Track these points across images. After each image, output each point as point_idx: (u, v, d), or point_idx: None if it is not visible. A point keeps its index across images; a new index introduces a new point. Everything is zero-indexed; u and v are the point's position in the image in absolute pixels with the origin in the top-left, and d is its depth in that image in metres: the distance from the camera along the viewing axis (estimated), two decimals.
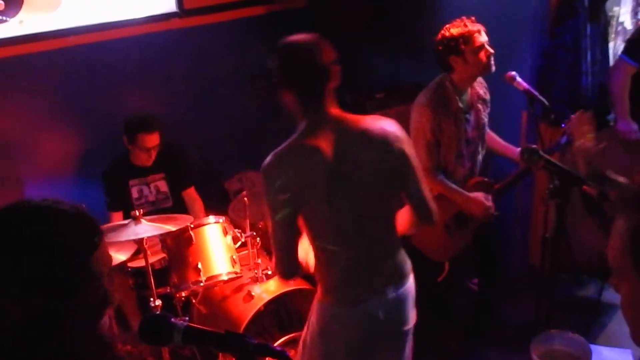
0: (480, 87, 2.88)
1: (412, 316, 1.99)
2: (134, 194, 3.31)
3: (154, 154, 3.22)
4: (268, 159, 1.77)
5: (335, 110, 1.80)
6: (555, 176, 2.04)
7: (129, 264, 2.94)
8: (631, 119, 3.23)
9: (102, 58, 3.37)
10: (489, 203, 2.80)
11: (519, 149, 2.82)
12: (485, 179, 2.90)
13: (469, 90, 2.81)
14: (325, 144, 1.74)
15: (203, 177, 3.52)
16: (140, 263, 2.87)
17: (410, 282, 1.98)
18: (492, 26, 2.74)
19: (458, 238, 2.92)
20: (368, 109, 3.37)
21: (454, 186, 2.81)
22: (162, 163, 3.30)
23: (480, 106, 2.87)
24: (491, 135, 3.00)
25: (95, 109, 3.42)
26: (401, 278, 1.95)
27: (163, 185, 3.35)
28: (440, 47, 2.69)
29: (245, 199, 2.93)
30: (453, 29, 2.65)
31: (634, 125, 3.22)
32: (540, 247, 2.29)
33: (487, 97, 2.91)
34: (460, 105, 2.76)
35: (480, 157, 2.94)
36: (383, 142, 1.79)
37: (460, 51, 2.64)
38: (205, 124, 3.73)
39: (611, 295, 3.34)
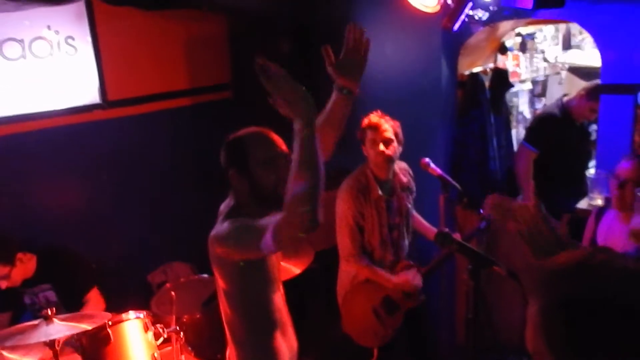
0: (404, 174, 3.00)
1: None
2: (26, 299, 3.11)
3: (15, 280, 2.99)
4: None
5: None
6: (467, 259, 2.12)
7: None
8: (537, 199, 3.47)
9: (21, 150, 3.28)
10: (417, 280, 2.85)
11: (434, 230, 2.96)
12: (412, 263, 2.97)
13: (392, 177, 2.93)
14: None
15: (125, 270, 3.39)
16: None
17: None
18: (409, 118, 2.94)
19: (387, 323, 2.93)
20: None
21: (380, 271, 2.86)
22: (47, 273, 3.11)
23: (403, 193, 2.98)
24: (416, 217, 3.11)
25: (12, 202, 3.27)
26: None
27: (52, 296, 3.14)
28: (358, 137, 2.85)
29: (172, 292, 2.83)
30: (365, 120, 2.83)
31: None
32: (465, 326, 2.34)
33: (412, 184, 3.03)
34: (381, 193, 2.86)
35: (406, 242, 3.02)
36: None
37: (363, 142, 2.83)
38: (128, 215, 3.64)
39: None
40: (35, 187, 3.33)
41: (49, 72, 3.36)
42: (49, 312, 2.45)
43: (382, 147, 2.76)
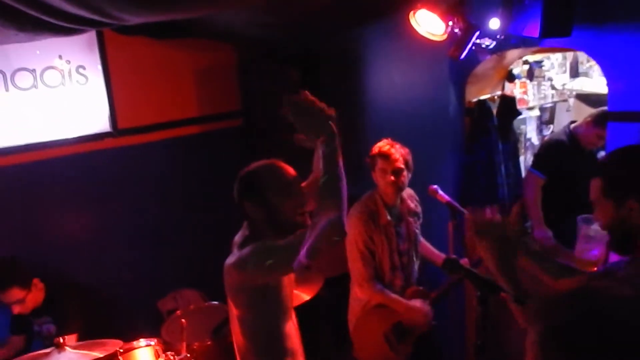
0: (411, 200, 3.03)
1: None
2: (36, 327, 3.16)
3: (19, 309, 3.02)
4: None
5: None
6: (475, 285, 2.12)
7: None
8: (546, 227, 3.47)
9: (33, 178, 3.34)
10: (427, 309, 2.84)
11: (443, 256, 2.95)
12: (421, 288, 2.97)
13: (399, 203, 2.95)
14: None
15: (135, 297, 3.39)
16: None
17: None
18: (418, 145, 2.97)
19: (398, 349, 2.91)
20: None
21: (393, 295, 2.85)
22: (47, 307, 3.14)
23: (411, 219, 3.00)
24: (423, 243, 3.12)
25: (23, 230, 3.31)
26: None
27: (52, 329, 3.17)
28: (367, 163, 2.87)
29: (183, 319, 2.84)
30: (375, 148, 2.85)
31: (549, 232, 3.46)
32: (474, 354, 2.32)
33: (419, 209, 3.05)
34: (389, 218, 2.88)
35: (415, 267, 3.03)
36: None
37: (374, 170, 2.84)
38: (138, 243, 3.66)
39: None
40: (45, 215, 3.38)
41: (60, 101, 3.43)
42: (61, 340, 2.47)
43: (393, 177, 2.79)
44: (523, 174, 3.83)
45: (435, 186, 2.87)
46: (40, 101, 3.36)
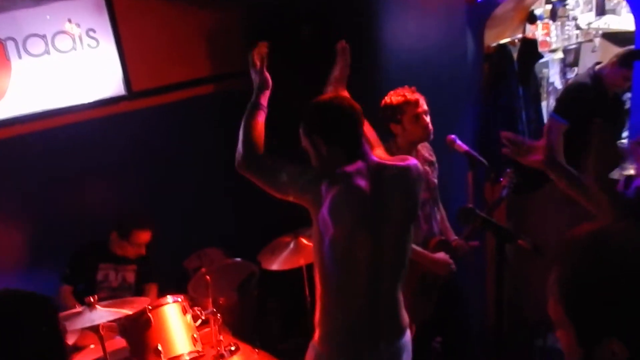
0: (425, 150, 2.99)
1: None
2: (99, 276, 3.28)
3: (143, 249, 3.26)
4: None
5: (373, 155, 2.01)
6: (492, 234, 2.11)
7: None
8: None
9: (49, 145, 3.37)
10: (451, 261, 2.86)
11: (455, 238, 2.98)
12: (444, 238, 2.97)
13: (415, 154, 2.92)
14: (360, 178, 1.91)
15: (161, 257, 3.47)
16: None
17: (407, 337, 2.10)
18: (434, 94, 2.90)
19: (424, 300, 2.95)
20: None
21: (418, 248, 2.86)
22: (140, 256, 3.31)
23: (428, 168, 2.97)
24: (443, 218, 3.08)
25: (44, 197, 3.38)
26: (400, 333, 2.07)
27: (131, 277, 3.33)
28: (381, 115, 2.82)
29: (207, 276, 2.91)
30: (394, 97, 2.79)
31: None
32: (495, 304, 2.34)
33: (433, 159, 3.01)
34: None
35: (436, 217, 3.01)
36: (408, 183, 2.00)
37: (398, 120, 2.77)
38: (160, 205, 3.72)
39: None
40: (64, 182, 3.42)
41: (73, 67, 3.42)
42: (92, 300, 2.57)
43: (428, 119, 2.76)
44: (545, 120, 3.74)
45: (453, 136, 2.83)
46: (53, 67, 3.36)
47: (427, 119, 2.77)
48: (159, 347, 2.68)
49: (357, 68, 1.92)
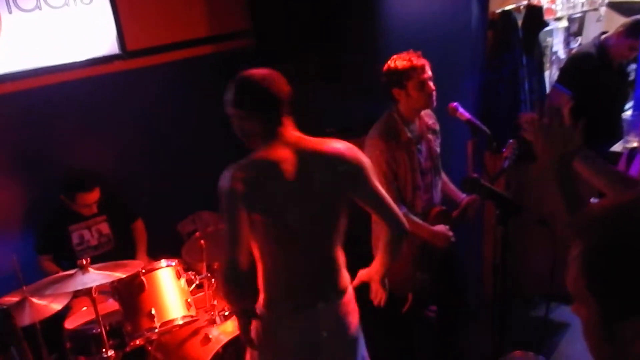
0: (428, 117, 2.94)
1: (353, 329, 2.16)
2: (75, 239, 3.27)
3: (94, 207, 3.23)
4: (230, 167, 1.93)
5: (293, 133, 1.99)
6: (496, 204, 2.08)
7: (66, 325, 2.88)
8: None
9: (42, 104, 3.28)
10: (451, 233, 2.84)
11: (463, 197, 2.94)
12: (444, 208, 2.94)
13: (417, 121, 2.87)
14: (284, 160, 1.92)
15: (155, 221, 3.45)
16: (76, 323, 2.87)
17: (348, 298, 2.14)
18: (436, 61, 2.83)
19: (422, 270, 2.93)
20: None
21: (418, 220, 2.83)
22: (102, 207, 3.30)
23: (430, 136, 2.92)
24: (445, 181, 3.04)
25: (35, 157, 3.31)
26: (339, 293, 2.11)
27: (105, 228, 3.33)
28: (384, 79, 2.75)
29: (202, 240, 2.88)
30: (398, 62, 2.70)
31: None
32: (492, 273, 2.33)
33: (437, 127, 2.96)
34: (410, 135, 2.81)
35: (437, 187, 2.97)
36: (336, 160, 1.97)
37: (403, 85, 2.70)
38: (154, 167, 3.66)
39: (560, 314, 3.43)
40: (56, 142, 3.36)
41: (65, 23, 3.31)
42: (84, 262, 2.54)
43: (432, 85, 2.70)
44: (547, 89, 3.69)
45: (456, 103, 2.77)
46: (45, 23, 3.25)
47: (432, 86, 2.71)
48: (152, 311, 2.68)
49: (361, 33, 1.85)
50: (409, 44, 3.07)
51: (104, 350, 2.60)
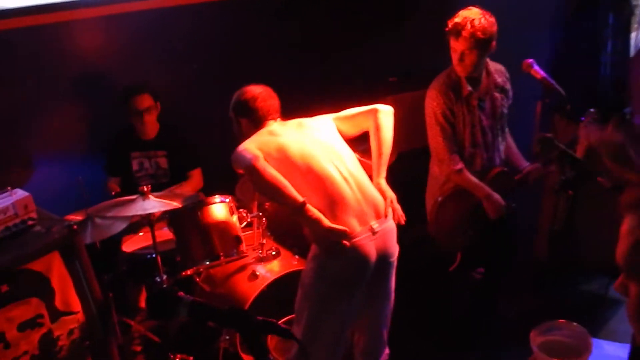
0: (499, 75, 2.82)
1: (396, 249, 2.36)
2: (134, 166, 3.39)
3: (147, 119, 3.28)
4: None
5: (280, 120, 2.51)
6: (568, 167, 2.00)
7: (124, 249, 3.02)
8: None
9: (117, 31, 3.33)
10: (504, 204, 2.76)
11: (527, 165, 2.84)
12: (506, 169, 2.85)
13: (485, 76, 2.76)
14: (282, 132, 2.41)
15: (210, 157, 3.49)
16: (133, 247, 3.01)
17: (392, 223, 2.35)
18: (511, 15, 2.69)
19: (471, 230, 2.88)
20: (380, 93, 3.31)
21: (474, 179, 2.76)
22: (164, 141, 3.38)
23: (497, 95, 2.80)
24: (510, 145, 2.95)
25: (99, 83, 3.39)
26: (385, 216, 2.31)
27: (163, 162, 3.41)
28: (445, 29, 2.66)
29: None
30: (455, 18, 2.62)
31: None
32: (548, 240, 2.26)
33: (507, 86, 2.84)
34: (471, 89, 2.72)
35: (500, 147, 2.87)
36: (317, 124, 2.47)
37: (450, 45, 2.65)
38: (212, 104, 3.66)
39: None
40: (118, 70, 3.39)
41: None
42: (145, 189, 2.63)
43: (462, 56, 2.61)
44: (631, 53, 3.44)
45: (531, 60, 2.64)
46: None
47: (457, 57, 2.61)
48: (204, 244, 2.75)
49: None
50: None
51: (157, 275, 2.70)
